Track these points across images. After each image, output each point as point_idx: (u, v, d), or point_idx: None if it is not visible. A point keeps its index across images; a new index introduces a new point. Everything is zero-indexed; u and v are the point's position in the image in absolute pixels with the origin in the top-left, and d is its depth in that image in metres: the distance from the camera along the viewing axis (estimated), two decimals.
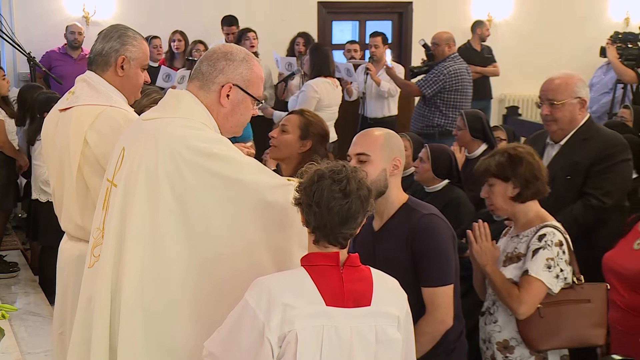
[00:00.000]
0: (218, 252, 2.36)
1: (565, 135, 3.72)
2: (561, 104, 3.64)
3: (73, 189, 2.99)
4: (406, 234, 2.80)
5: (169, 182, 2.33)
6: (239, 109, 2.54)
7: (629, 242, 3.29)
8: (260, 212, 2.38)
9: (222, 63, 2.50)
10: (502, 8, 10.15)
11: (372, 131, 2.95)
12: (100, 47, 3.04)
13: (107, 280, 2.39)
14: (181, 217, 2.34)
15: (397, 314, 2.28)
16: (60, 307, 3.10)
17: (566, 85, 3.66)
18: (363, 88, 7.61)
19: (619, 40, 7.36)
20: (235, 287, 2.33)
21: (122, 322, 2.35)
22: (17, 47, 6.67)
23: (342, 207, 2.18)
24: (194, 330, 2.36)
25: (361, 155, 2.82)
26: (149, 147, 2.38)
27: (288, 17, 9.04)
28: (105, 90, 3.02)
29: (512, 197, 3.07)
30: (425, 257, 2.76)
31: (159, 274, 2.34)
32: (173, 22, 8.49)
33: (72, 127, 2.98)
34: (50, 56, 7.85)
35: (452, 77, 6.80)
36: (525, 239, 3.05)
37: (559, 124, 3.69)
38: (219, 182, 2.35)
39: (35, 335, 4.74)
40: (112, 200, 2.47)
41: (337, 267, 2.21)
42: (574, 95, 3.65)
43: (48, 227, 5.44)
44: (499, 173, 3.07)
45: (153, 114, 2.56)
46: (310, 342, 2.13)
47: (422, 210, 2.84)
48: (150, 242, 2.34)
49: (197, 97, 2.51)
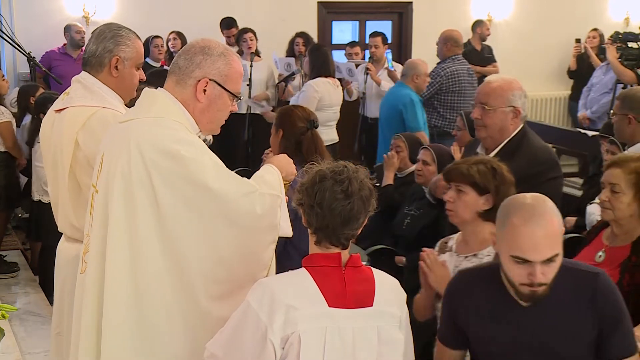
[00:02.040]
0: (190, 255, 2.35)
1: (496, 146, 3.46)
2: (492, 109, 3.40)
3: (66, 189, 2.99)
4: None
5: (142, 186, 2.33)
6: (215, 104, 2.50)
7: (591, 253, 3.13)
8: (227, 219, 2.37)
9: (199, 57, 2.47)
10: (502, 8, 10.14)
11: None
12: (94, 48, 3.03)
13: (95, 288, 2.41)
14: (156, 220, 2.34)
15: (399, 314, 2.28)
16: (58, 307, 3.11)
17: (501, 91, 3.41)
18: (363, 88, 7.60)
19: (619, 40, 7.35)
20: (208, 290, 2.36)
21: (105, 326, 2.36)
22: (17, 47, 6.66)
23: (344, 208, 2.17)
24: (180, 335, 2.38)
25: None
26: (123, 150, 2.37)
27: (288, 17, 9.02)
28: (99, 91, 3.01)
29: (480, 212, 2.85)
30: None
31: (140, 276, 2.35)
32: (173, 22, 8.49)
33: (65, 128, 2.98)
34: (50, 56, 7.83)
35: (450, 78, 6.75)
36: (487, 258, 2.81)
37: (488, 130, 3.45)
38: (186, 186, 2.34)
39: (35, 335, 4.74)
40: (95, 205, 2.48)
41: (339, 268, 2.21)
42: (508, 103, 3.39)
43: (52, 228, 5.44)
44: (478, 184, 2.84)
45: (128, 115, 2.55)
46: (313, 343, 2.13)
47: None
48: (129, 246, 2.35)
49: (173, 93, 2.48)
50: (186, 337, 2.38)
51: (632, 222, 3.01)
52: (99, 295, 2.40)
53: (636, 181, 2.95)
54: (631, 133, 3.91)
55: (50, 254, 3.84)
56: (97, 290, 2.40)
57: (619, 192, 2.99)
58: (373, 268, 2.32)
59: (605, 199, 3.02)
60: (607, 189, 3.04)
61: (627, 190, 2.95)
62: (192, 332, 2.38)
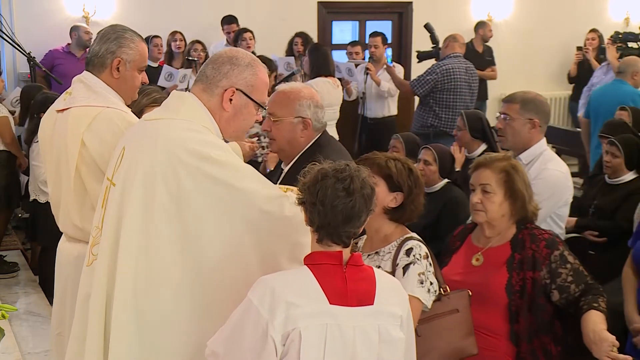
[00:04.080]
0: (209, 255, 2.35)
1: (290, 160, 3.18)
2: (279, 120, 3.11)
3: (71, 190, 2.98)
4: None
5: (165, 183, 2.33)
6: (241, 114, 2.53)
7: (464, 258, 3.12)
8: (253, 221, 2.37)
9: (226, 67, 2.50)
10: (502, 8, 10.15)
11: None
12: (97, 48, 3.04)
13: (104, 279, 2.40)
14: (176, 218, 2.34)
15: (400, 313, 2.28)
16: (59, 307, 3.10)
17: (287, 101, 3.12)
18: (363, 88, 7.61)
19: (619, 40, 7.37)
20: (223, 291, 2.35)
21: (114, 320, 2.36)
22: (17, 47, 6.66)
23: (346, 206, 2.18)
24: (187, 331, 2.37)
25: None
26: (148, 147, 2.38)
27: (288, 17, 9.03)
28: (101, 91, 3.02)
29: (387, 208, 2.80)
30: None
31: (151, 273, 2.35)
32: (173, 22, 8.49)
33: (69, 128, 2.98)
34: (53, 55, 7.83)
35: (445, 76, 6.67)
36: (388, 255, 2.78)
37: (278, 143, 3.16)
38: (215, 187, 2.34)
39: (35, 335, 4.73)
40: (110, 199, 2.48)
41: (341, 266, 2.21)
42: (295, 114, 3.10)
43: (47, 228, 5.44)
44: (392, 178, 2.78)
45: (155, 114, 2.56)
46: (313, 340, 2.13)
47: None
48: (144, 241, 2.35)
49: (201, 99, 2.51)
50: (191, 336, 2.37)
51: (504, 222, 3.05)
52: (109, 288, 2.39)
53: (506, 179, 2.98)
54: (530, 138, 3.72)
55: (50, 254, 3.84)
56: (106, 283, 2.39)
57: (491, 192, 3.01)
58: (374, 267, 2.32)
59: (477, 200, 3.04)
60: (478, 190, 3.05)
61: (498, 190, 2.98)
62: (199, 332, 2.36)
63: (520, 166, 3.08)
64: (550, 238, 2.98)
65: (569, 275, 2.90)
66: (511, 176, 2.98)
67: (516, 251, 2.97)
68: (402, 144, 5.08)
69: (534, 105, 3.73)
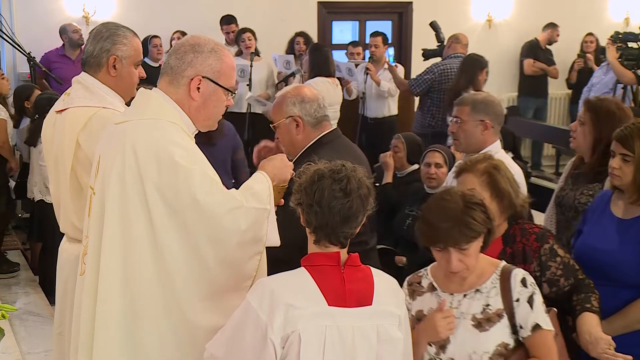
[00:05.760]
0: (177, 262, 2.36)
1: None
2: (277, 126, 3.21)
3: (67, 190, 3.00)
4: None
5: (136, 190, 2.34)
6: (211, 101, 2.51)
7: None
8: (211, 234, 2.37)
9: (190, 56, 2.47)
10: (502, 8, 10.15)
11: None
12: (92, 48, 3.03)
13: (92, 289, 2.42)
14: (149, 225, 2.34)
15: (398, 313, 2.28)
16: (60, 307, 3.11)
17: (277, 106, 3.21)
18: (363, 88, 7.61)
19: (619, 40, 7.35)
20: (191, 299, 2.37)
21: (97, 329, 2.37)
22: (17, 47, 6.67)
23: (344, 206, 2.17)
24: (168, 338, 2.39)
25: None
26: (118, 152, 2.38)
27: (288, 17, 9.03)
28: (99, 91, 3.02)
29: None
30: None
31: (130, 280, 2.36)
32: (173, 22, 8.50)
33: (66, 128, 2.99)
34: (48, 58, 7.76)
35: (441, 76, 6.67)
36: (494, 290, 2.55)
37: (285, 147, 3.21)
38: (175, 197, 2.34)
39: (35, 335, 4.74)
40: (92, 207, 2.49)
41: (339, 266, 2.21)
42: (284, 115, 3.17)
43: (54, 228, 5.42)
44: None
45: (123, 116, 2.55)
46: (313, 342, 2.13)
47: None
48: (122, 248, 2.36)
49: (167, 93, 2.48)
50: (175, 344, 2.39)
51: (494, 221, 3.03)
52: (96, 298, 2.41)
53: (489, 181, 2.95)
54: (484, 140, 3.67)
55: (50, 254, 3.85)
56: (94, 293, 2.41)
57: None
58: (372, 267, 2.32)
59: None
60: None
61: (484, 192, 2.94)
62: (180, 342, 2.39)
63: (502, 163, 3.06)
64: (540, 232, 2.99)
65: (558, 269, 2.90)
66: (494, 177, 2.97)
67: (507, 245, 2.97)
68: (403, 144, 5.08)
69: (484, 106, 3.69)
